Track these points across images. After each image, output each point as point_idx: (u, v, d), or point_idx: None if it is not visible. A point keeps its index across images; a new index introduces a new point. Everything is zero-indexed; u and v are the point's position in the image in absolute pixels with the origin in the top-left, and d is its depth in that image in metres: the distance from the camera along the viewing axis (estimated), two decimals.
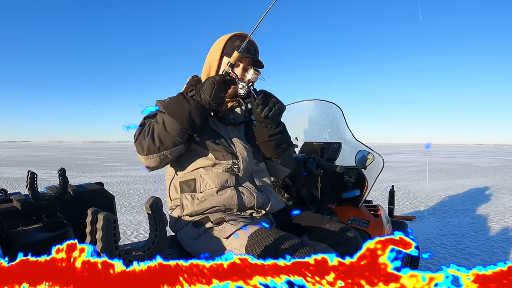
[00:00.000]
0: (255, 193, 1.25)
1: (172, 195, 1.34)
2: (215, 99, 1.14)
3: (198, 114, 1.16)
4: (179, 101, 1.18)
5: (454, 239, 3.62)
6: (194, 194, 1.24)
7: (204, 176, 1.25)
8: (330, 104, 1.82)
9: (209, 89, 1.13)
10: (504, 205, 5.58)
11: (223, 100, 1.19)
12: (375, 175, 1.73)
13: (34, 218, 1.11)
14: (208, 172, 1.25)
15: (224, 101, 1.23)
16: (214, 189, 1.22)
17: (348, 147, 1.84)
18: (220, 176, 1.23)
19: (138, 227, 4.13)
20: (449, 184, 8.34)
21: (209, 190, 1.22)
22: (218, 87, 1.13)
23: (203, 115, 1.18)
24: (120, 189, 7.19)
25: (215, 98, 1.14)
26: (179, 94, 1.21)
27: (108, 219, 0.63)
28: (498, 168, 13.60)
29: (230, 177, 1.25)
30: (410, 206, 5.49)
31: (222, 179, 1.23)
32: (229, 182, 1.24)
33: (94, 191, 1.29)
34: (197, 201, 1.22)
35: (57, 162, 16.33)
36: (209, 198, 1.21)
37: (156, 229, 0.74)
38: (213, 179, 1.23)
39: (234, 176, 1.26)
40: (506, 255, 3.13)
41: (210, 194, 1.22)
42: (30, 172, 1.08)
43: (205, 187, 1.23)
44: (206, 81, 1.16)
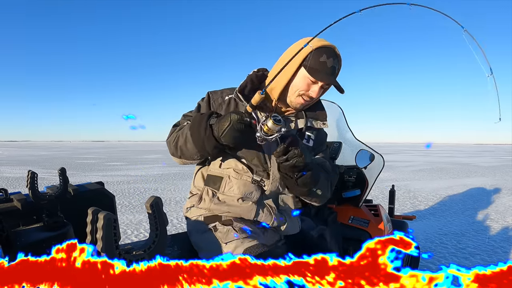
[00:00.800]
0: (274, 214, 1.21)
1: (196, 182, 1.31)
2: (226, 139, 1.01)
3: (211, 146, 1.06)
4: (199, 124, 1.08)
5: (454, 239, 3.62)
6: (216, 192, 1.22)
7: (232, 179, 1.21)
8: (330, 103, 1.82)
9: (224, 125, 1.00)
10: (504, 204, 5.58)
11: (239, 141, 1.03)
12: (375, 175, 1.73)
13: (35, 217, 1.11)
14: (237, 177, 1.20)
15: (241, 141, 1.05)
16: (236, 197, 1.19)
17: (348, 147, 1.84)
18: (246, 186, 1.20)
19: (139, 226, 4.14)
20: (450, 183, 8.34)
21: (231, 195, 1.20)
22: (233, 128, 0.99)
23: (215, 147, 1.06)
24: (120, 188, 7.19)
25: (227, 138, 1.01)
26: (203, 116, 1.10)
27: (108, 218, 0.63)
28: (499, 167, 13.60)
29: (255, 191, 1.21)
30: (411, 205, 5.49)
31: (247, 190, 1.20)
32: (253, 195, 1.20)
33: (95, 190, 1.29)
34: (216, 200, 1.21)
35: (57, 161, 16.35)
36: (228, 203, 1.20)
37: (157, 229, 0.74)
38: (238, 186, 1.20)
39: (260, 191, 1.22)
40: (507, 255, 3.13)
41: (231, 200, 1.19)
42: (30, 171, 1.09)
43: (229, 191, 1.21)
44: (226, 114, 1.02)
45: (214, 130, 1.03)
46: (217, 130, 1.02)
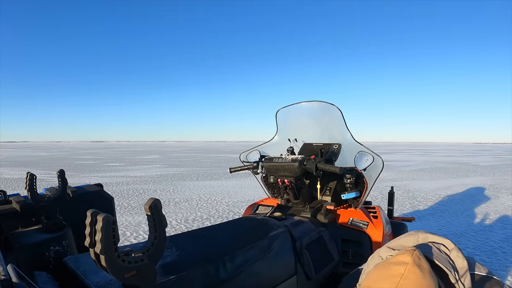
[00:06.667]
0: None
1: None
2: None
3: None
4: None
5: (454, 239, 3.62)
6: None
7: None
8: (330, 105, 1.82)
9: None
10: (503, 204, 5.59)
11: None
12: (374, 176, 1.72)
13: (33, 219, 1.11)
14: None
15: None
16: None
17: (347, 148, 1.83)
18: None
19: (138, 228, 4.13)
20: (449, 183, 8.35)
21: None
22: None
23: None
24: (119, 190, 7.18)
25: None
26: None
27: (107, 220, 0.63)
28: (498, 167, 13.62)
29: None
30: (410, 205, 5.50)
31: None
32: None
33: (93, 192, 1.29)
34: None
35: (56, 162, 16.31)
36: None
37: (156, 231, 0.74)
38: None
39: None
40: (506, 255, 3.13)
41: None
42: (29, 173, 1.08)
43: None
44: None
45: None
46: None
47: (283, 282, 1.24)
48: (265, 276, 1.18)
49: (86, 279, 0.83)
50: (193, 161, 17.43)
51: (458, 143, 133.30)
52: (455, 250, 0.77)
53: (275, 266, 1.23)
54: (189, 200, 6.07)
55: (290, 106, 1.95)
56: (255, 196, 6.40)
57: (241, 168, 1.91)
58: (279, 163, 1.66)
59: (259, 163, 1.83)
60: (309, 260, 1.34)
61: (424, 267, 0.67)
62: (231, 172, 1.96)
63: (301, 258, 1.33)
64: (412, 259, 0.67)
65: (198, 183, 8.54)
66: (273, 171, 1.70)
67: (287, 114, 1.99)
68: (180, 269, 0.93)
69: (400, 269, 0.66)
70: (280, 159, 1.67)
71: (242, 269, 1.09)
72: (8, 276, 0.55)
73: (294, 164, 1.61)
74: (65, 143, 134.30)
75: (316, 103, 1.90)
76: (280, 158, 1.68)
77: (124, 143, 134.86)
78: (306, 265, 1.33)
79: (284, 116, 2.00)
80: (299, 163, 1.61)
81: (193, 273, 0.95)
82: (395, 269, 0.67)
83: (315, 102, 1.90)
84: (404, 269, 0.66)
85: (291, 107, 1.95)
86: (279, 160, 1.67)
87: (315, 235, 1.46)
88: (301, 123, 2.03)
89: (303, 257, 1.33)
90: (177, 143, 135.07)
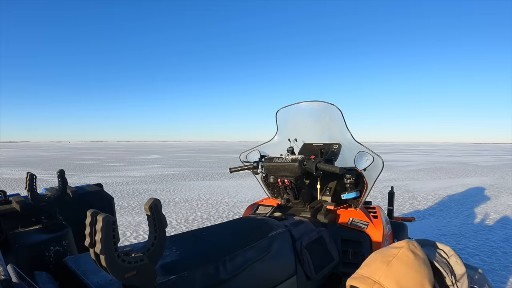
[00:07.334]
0: None
1: None
2: None
3: None
4: None
5: (454, 239, 3.63)
6: None
7: None
8: (330, 105, 1.82)
9: None
10: (503, 204, 5.59)
11: None
12: (374, 176, 1.72)
13: (34, 219, 1.10)
14: None
15: None
16: None
17: (347, 149, 1.83)
18: None
19: (138, 228, 4.13)
20: (449, 183, 8.35)
21: None
22: None
23: None
24: (119, 190, 7.18)
25: None
26: None
27: (107, 220, 0.63)
28: (497, 166, 13.62)
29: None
30: (410, 205, 5.50)
31: None
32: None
33: (93, 192, 1.29)
34: None
35: (56, 162, 16.30)
36: None
37: (156, 231, 0.74)
38: None
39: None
40: (506, 255, 3.13)
41: None
42: (29, 173, 1.08)
43: None
44: None
45: None
46: None
47: (283, 282, 1.24)
48: (265, 276, 1.18)
49: (86, 279, 0.83)
50: (193, 161, 17.43)
51: (458, 143, 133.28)
52: (454, 256, 0.81)
53: (275, 266, 1.23)
54: (189, 200, 6.07)
55: (290, 106, 1.95)
56: (255, 196, 6.40)
57: (241, 168, 1.91)
58: (279, 163, 1.66)
59: (259, 163, 1.82)
60: (309, 260, 1.34)
61: (418, 254, 0.71)
62: (231, 172, 1.96)
63: (301, 258, 1.33)
64: (407, 245, 0.73)
65: (198, 183, 8.54)
66: (273, 171, 1.70)
67: (287, 114, 1.99)
68: (180, 269, 0.93)
69: (394, 251, 0.72)
70: (280, 159, 1.67)
71: (242, 269, 1.09)
72: (8, 276, 0.55)
73: (294, 164, 1.60)
74: (65, 143, 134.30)
75: (316, 103, 1.90)
76: (280, 158, 1.68)
77: (124, 143, 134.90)
78: (306, 265, 1.33)
79: (284, 116, 2.00)
80: (299, 163, 1.60)
81: (193, 273, 0.95)
82: (390, 251, 0.73)
83: (315, 102, 1.90)
84: (398, 251, 0.72)
85: (291, 107, 1.95)
86: (279, 160, 1.67)
87: (315, 235, 1.45)
88: (301, 123, 2.03)
89: (303, 257, 1.33)
90: (177, 143, 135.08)
